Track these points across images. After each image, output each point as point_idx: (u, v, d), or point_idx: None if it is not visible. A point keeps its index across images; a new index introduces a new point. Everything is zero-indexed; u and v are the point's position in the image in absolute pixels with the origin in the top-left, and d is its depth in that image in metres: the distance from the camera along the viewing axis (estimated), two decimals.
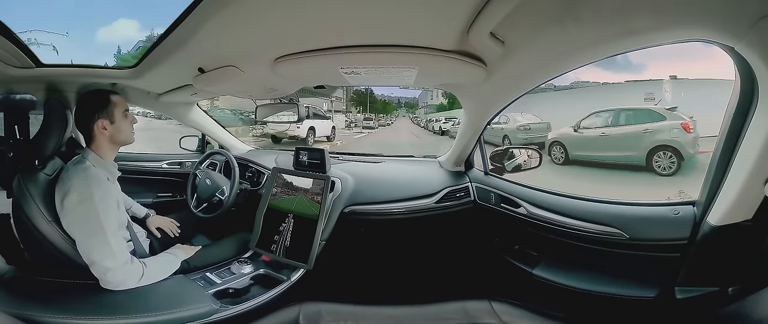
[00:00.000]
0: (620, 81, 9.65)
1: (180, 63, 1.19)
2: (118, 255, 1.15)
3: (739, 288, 1.09)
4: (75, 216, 1.15)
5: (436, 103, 24.11)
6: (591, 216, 1.36)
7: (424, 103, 26.74)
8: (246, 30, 0.88)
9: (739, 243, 1.07)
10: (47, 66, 1.28)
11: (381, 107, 28.00)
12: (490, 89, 1.28)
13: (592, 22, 0.80)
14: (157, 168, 2.32)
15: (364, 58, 0.99)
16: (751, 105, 0.95)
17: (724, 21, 0.73)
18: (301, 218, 1.55)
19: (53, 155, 1.36)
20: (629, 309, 1.30)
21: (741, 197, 1.00)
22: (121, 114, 1.31)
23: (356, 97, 25.69)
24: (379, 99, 28.18)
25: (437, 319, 1.69)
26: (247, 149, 2.45)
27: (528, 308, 1.63)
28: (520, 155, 1.82)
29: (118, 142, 1.32)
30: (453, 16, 0.79)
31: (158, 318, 1.14)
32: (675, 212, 1.22)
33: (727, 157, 1.04)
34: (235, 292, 1.38)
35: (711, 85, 5.47)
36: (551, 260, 1.57)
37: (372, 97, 26.87)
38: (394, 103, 29.04)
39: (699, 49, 6.53)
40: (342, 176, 1.79)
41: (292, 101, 1.96)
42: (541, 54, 0.97)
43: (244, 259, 1.56)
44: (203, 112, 2.27)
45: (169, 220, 1.76)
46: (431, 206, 1.75)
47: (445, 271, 1.82)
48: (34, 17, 18.50)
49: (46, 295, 1.13)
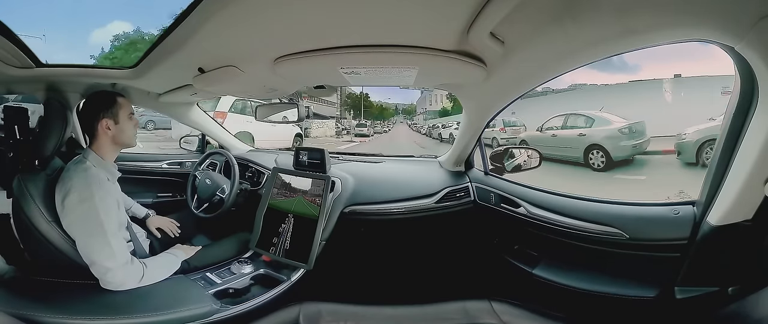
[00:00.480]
0: (622, 81, 9.89)
1: (180, 63, 1.19)
2: (118, 255, 1.15)
3: (739, 288, 1.09)
4: (75, 216, 1.15)
5: (435, 109, 22.58)
6: (591, 216, 1.36)
7: (422, 109, 25.32)
8: (246, 30, 0.88)
9: (739, 243, 1.07)
10: (47, 66, 1.28)
11: (377, 112, 26.22)
12: (490, 89, 1.28)
13: (592, 22, 0.80)
14: (157, 168, 2.32)
15: (364, 58, 0.99)
16: (751, 105, 0.95)
17: (724, 21, 0.73)
18: (301, 218, 1.55)
19: (53, 155, 1.36)
20: (629, 309, 1.30)
21: (741, 197, 1.00)
22: (125, 116, 1.32)
23: (350, 100, 23.68)
24: (376, 104, 26.32)
25: (437, 319, 1.69)
26: (247, 149, 2.45)
27: (528, 308, 1.63)
28: (520, 155, 1.81)
29: (120, 143, 1.33)
30: (453, 16, 0.79)
31: (158, 318, 1.14)
32: (675, 212, 1.22)
33: (727, 157, 1.04)
34: (235, 292, 1.38)
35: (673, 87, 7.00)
36: (551, 260, 1.57)
37: (367, 101, 24.85)
38: (392, 109, 27.38)
39: (699, 48, 6.79)
40: (342, 176, 1.79)
41: (292, 101, 1.96)
42: (541, 54, 0.97)
43: (244, 259, 1.56)
44: (203, 112, 2.27)
45: (169, 221, 1.76)
46: (431, 206, 1.75)
47: (445, 271, 1.82)
48: (34, 17, 18.57)
49: (46, 295, 1.13)
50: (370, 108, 25.68)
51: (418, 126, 22.01)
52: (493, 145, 7.51)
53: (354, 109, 23.91)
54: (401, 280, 1.76)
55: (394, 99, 27.45)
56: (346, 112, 23.04)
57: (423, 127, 19.60)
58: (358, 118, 22.77)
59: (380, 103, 26.84)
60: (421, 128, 20.51)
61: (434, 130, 16.04)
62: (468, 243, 1.83)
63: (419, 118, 25.00)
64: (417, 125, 22.74)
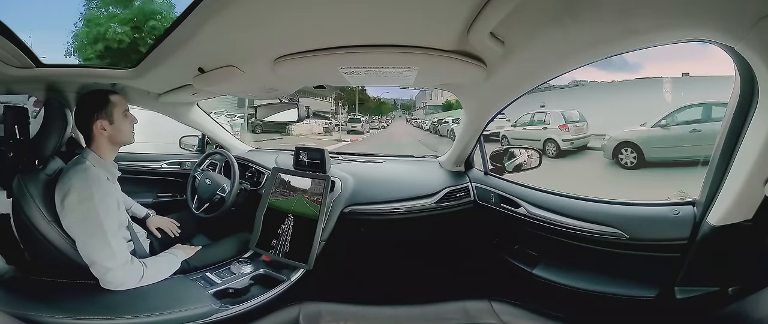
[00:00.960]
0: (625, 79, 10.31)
1: (180, 63, 1.19)
2: (118, 255, 1.15)
3: (739, 288, 1.09)
4: (75, 216, 1.15)
5: (436, 104, 20.77)
6: (591, 216, 1.36)
7: (422, 104, 23.78)
8: (246, 30, 0.88)
9: (739, 243, 1.07)
10: (47, 66, 1.28)
11: (375, 106, 23.70)
12: (490, 89, 1.28)
13: (592, 22, 0.80)
14: (157, 168, 2.32)
15: (364, 58, 0.99)
16: (751, 105, 0.95)
17: (725, 21, 0.73)
18: (301, 218, 1.55)
19: (53, 155, 1.36)
20: (629, 309, 1.30)
21: (741, 197, 1.00)
22: (120, 114, 1.31)
23: (344, 95, 20.50)
24: (373, 99, 23.89)
25: (437, 319, 1.69)
26: (247, 149, 2.45)
27: (528, 308, 1.63)
28: (520, 155, 1.81)
29: (117, 143, 1.32)
30: (453, 16, 0.78)
31: (158, 318, 1.14)
32: (675, 212, 1.22)
33: (727, 157, 1.04)
34: (235, 292, 1.38)
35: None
36: (551, 260, 1.57)
37: (363, 94, 21.70)
38: (390, 104, 25.34)
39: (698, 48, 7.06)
40: (342, 176, 1.79)
41: (292, 101, 1.95)
42: (541, 54, 0.97)
43: (244, 259, 1.56)
44: (203, 112, 2.27)
45: (169, 220, 1.76)
46: (431, 206, 1.75)
47: (445, 271, 1.82)
48: (34, 17, 18.34)
49: (46, 295, 1.13)
50: (367, 102, 22.78)
51: (419, 121, 20.21)
52: (549, 151, 7.22)
53: (349, 103, 21.41)
54: (401, 280, 1.76)
55: (392, 94, 25.83)
56: (342, 108, 20.64)
57: (424, 123, 17.27)
58: (353, 112, 20.12)
59: (378, 98, 24.71)
60: (422, 124, 18.43)
61: (442, 126, 13.98)
62: (468, 243, 1.83)
63: (419, 113, 23.62)
64: (417, 120, 20.99)
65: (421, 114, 22.80)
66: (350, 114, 18.87)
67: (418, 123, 20.05)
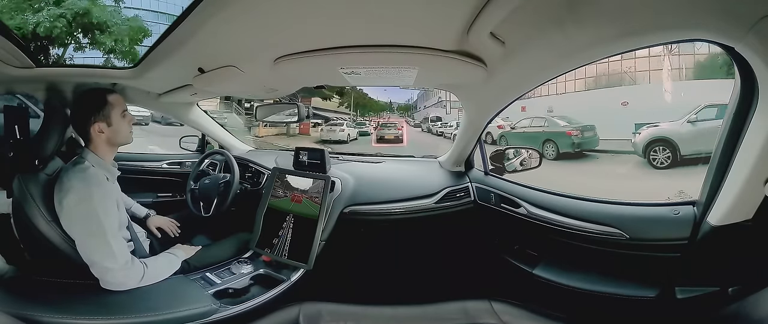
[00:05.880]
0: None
1: (180, 63, 1.19)
2: (118, 255, 1.14)
3: (739, 288, 1.09)
4: (75, 216, 1.15)
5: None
6: (591, 216, 1.36)
7: (423, 106, 22.70)
8: (246, 30, 0.88)
9: (739, 243, 1.07)
10: (47, 66, 1.28)
11: (365, 103, 21.31)
12: (490, 89, 1.28)
13: (593, 23, 0.80)
14: (157, 168, 2.32)
15: (364, 58, 0.99)
16: (751, 105, 0.95)
17: (724, 21, 0.73)
18: (301, 218, 1.55)
19: (53, 155, 1.36)
20: (629, 309, 1.30)
21: (741, 197, 1.00)
22: (118, 115, 1.29)
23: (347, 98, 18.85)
24: (372, 99, 22.33)
25: (437, 319, 1.69)
26: (247, 149, 2.45)
27: (528, 308, 1.63)
28: (520, 155, 1.82)
29: (116, 144, 1.32)
30: (453, 16, 0.79)
31: (158, 318, 1.14)
32: (675, 212, 1.22)
33: (727, 157, 1.04)
34: (235, 292, 1.38)
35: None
36: (551, 260, 1.57)
37: (365, 99, 20.51)
38: (383, 103, 23.56)
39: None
40: (342, 176, 1.79)
41: (292, 101, 1.96)
42: (541, 54, 0.97)
43: (244, 259, 1.56)
44: (203, 112, 2.27)
45: (169, 220, 1.76)
46: (431, 206, 1.75)
47: (445, 271, 1.82)
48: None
49: (46, 295, 1.13)
50: (361, 98, 20.33)
51: (418, 122, 19.12)
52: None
53: (358, 107, 19.73)
54: (401, 280, 1.76)
55: (393, 95, 24.46)
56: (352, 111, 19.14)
57: (434, 126, 15.84)
58: (356, 114, 18.52)
59: (389, 101, 23.50)
60: (423, 126, 17.35)
61: (432, 125, 13.37)
62: (468, 243, 1.83)
63: (420, 114, 22.39)
64: (417, 123, 19.55)
65: (421, 116, 21.70)
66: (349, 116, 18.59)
67: (420, 125, 19.44)
